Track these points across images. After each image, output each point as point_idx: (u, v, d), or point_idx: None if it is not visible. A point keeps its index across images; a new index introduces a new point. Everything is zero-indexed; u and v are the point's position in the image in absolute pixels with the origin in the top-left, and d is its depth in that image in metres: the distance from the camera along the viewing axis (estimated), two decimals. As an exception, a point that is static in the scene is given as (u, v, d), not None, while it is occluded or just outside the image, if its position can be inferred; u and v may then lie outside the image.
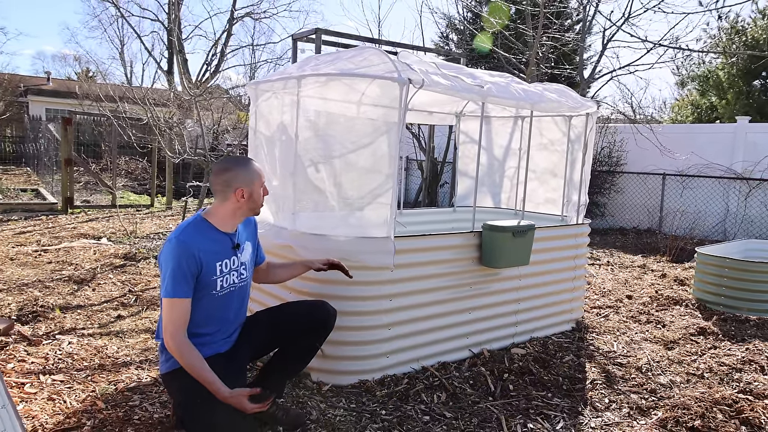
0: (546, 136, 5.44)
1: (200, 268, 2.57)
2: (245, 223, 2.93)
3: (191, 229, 2.61)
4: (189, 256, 2.52)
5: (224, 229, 2.73)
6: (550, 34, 10.49)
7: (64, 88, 28.18)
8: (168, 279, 2.50)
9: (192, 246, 2.54)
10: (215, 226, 2.70)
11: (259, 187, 2.73)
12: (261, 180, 2.75)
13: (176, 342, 2.48)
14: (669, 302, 5.88)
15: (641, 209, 11.54)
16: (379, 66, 3.43)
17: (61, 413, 2.88)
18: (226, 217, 2.71)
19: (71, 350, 3.75)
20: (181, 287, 2.50)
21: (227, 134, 13.59)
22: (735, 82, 16.89)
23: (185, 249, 2.52)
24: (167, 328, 2.49)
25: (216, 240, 2.68)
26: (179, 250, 2.51)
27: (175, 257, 2.50)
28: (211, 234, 2.68)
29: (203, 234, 2.64)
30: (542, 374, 3.84)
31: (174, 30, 18.04)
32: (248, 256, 2.87)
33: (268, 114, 3.92)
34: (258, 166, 2.78)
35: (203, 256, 2.58)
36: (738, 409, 3.39)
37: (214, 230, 2.70)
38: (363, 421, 3.09)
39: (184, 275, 2.50)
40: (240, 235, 2.83)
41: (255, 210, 2.78)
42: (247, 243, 2.89)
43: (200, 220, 2.69)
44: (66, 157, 10.77)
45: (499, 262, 3.96)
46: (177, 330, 2.49)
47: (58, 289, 5.25)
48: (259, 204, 2.76)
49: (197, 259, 2.55)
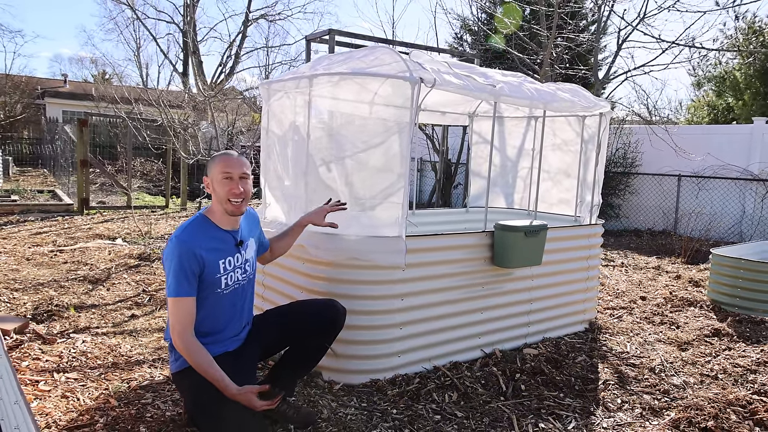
0: (559, 137, 5.41)
1: (202, 266, 2.58)
2: (247, 219, 2.91)
3: (192, 228, 2.63)
4: (189, 254, 2.53)
5: (224, 226, 2.72)
6: (564, 35, 10.43)
7: (80, 90, 28.52)
8: (171, 278, 2.52)
9: (192, 244, 2.55)
10: (216, 223, 2.71)
11: (218, 174, 2.60)
12: (220, 169, 2.61)
13: (184, 341, 2.50)
14: (683, 303, 5.82)
15: (656, 211, 11.43)
16: (391, 65, 3.43)
17: (74, 411, 2.91)
18: (219, 212, 2.70)
19: (85, 349, 3.79)
20: (184, 286, 2.51)
21: (241, 135, 13.66)
22: (752, 83, 16.68)
23: (186, 248, 2.53)
24: (174, 328, 2.51)
25: (217, 238, 2.69)
26: (180, 249, 2.53)
27: (176, 256, 2.52)
28: (212, 232, 2.68)
29: (205, 232, 2.65)
30: (554, 374, 3.81)
31: (189, 32, 18.20)
32: (252, 253, 2.89)
33: (280, 114, 3.94)
34: (224, 157, 2.66)
35: (205, 255, 2.58)
36: (752, 410, 3.34)
37: (216, 228, 2.70)
38: (374, 419, 3.09)
39: (185, 274, 2.52)
40: (243, 231, 2.83)
41: (221, 202, 2.63)
42: (251, 240, 2.90)
43: (201, 219, 2.69)
44: (81, 158, 10.90)
45: (511, 262, 3.94)
46: (184, 329, 2.50)
47: (73, 289, 5.31)
48: (222, 195, 2.61)
49: (198, 257, 2.56)
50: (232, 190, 2.62)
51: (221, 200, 2.64)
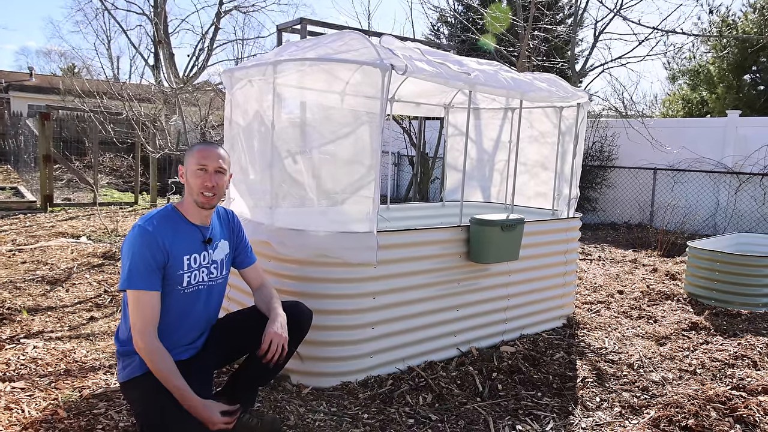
0: (536, 128, 5.29)
1: (166, 259, 2.39)
2: (224, 222, 2.74)
3: (158, 217, 2.45)
4: (154, 244, 2.35)
5: (194, 220, 2.56)
6: (541, 26, 10.34)
7: (47, 83, 27.71)
8: (132, 270, 2.31)
9: (157, 235, 2.37)
10: (185, 216, 2.54)
11: (194, 165, 2.49)
12: (196, 160, 2.48)
13: (147, 341, 2.28)
14: (660, 297, 5.76)
15: (632, 204, 11.43)
16: (360, 51, 3.25)
17: (17, 424, 2.68)
18: (189, 205, 2.54)
19: (36, 355, 3.55)
20: (147, 279, 2.31)
21: (213, 131, 13.33)
22: (725, 77, 16.80)
23: (151, 237, 2.35)
24: (135, 325, 2.29)
25: (184, 232, 2.51)
26: (143, 239, 2.34)
27: (138, 245, 2.33)
28: (179, 225, 2.51)
29: (171, 224, 2.47)
30: (532, 373, 3.68)
31: (159, 23, 17.75)
32: (222, 255, 2.68)
33: (244, 103, 3.73)
34: (202, 148, 2.53)
35: (169, 247, 2.40)
36: (732, 406, 3.26)
37: (184, 221, 2.53)
38: (343, 425, 2.92)
39: (148, 265, 2.32)
40: (214, 230, 2.64)
41: (192, 193, 2.50)
42: (223, 242, 2.70)
43: (170, 210, 2.53)
44: (44, 153, 10.50)
45: (487, 258, 3.80)
46: (146, 327, 2.29)
47: (29, 291, 5.03)
48: (195, 187, 2.49)
49: (163, 248, 2.38)
50: (204, 182, 2.48)
51: (192, 192, 2.51)
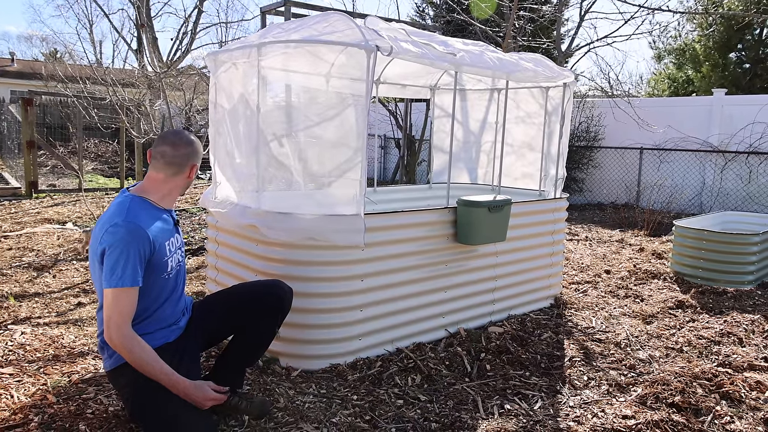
0: (523, 109, 5.29)
1: (153, 250, 2.37)
2: None
3: (136, 211, 2.37)
4: (143, 240, 2.31)
5: (166, 205, 2.55)
6: (527, 6, 10.28)
7: (29, 69, 27.22)
8: (118, 267, 2.25)
9: (144, 228, 2.34)
10: (155, 203, 2.50)
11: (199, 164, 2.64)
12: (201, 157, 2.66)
13: (123, 335, 2.25)
14: (647, 276, 5.82)
15: (619, 184, 11.50)
16: (345, 32, 3.22)
17: (6, 409, 2.67)
18: (172, 192, 2.53)
19: (24, 341, 3.53)
20: (132, 275, 2.27)
21: (198, 115, 13.20)
22: (711, 55, 16.87)
23: (139, 233, 2.30)
24: (113, 321, 2.25)
25: (161, 218, 2.49)
26: (133, 235, 2.29)
27: (126, 243, 2.27)
28: (154, 212, 2.47)
29: (148, 213, 2.43)
30: (520, 353, 3.72)
31: (142, 7, 17.47)
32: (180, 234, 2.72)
33: (228, 86, 3.69)
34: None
35: (154, 237, 2.38)
36: (718, 383, 3.32)
37: (156, 208, 2.50)
38: (333, 407, 2.94)
39: (133, 262, 2.28)
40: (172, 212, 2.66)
41: (187, 186, 2.64)
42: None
43: (139, 200, 2.44)
44: (28, 139, 10.36)
45: (475, 239, 3.81)
46: (125, 322, 2.26)
47: (15, 277, 4.99)
48: (190, 182, 2.66)
49: (149, 241, 2.35)
50: None
51: (188, 185, 2.61)
